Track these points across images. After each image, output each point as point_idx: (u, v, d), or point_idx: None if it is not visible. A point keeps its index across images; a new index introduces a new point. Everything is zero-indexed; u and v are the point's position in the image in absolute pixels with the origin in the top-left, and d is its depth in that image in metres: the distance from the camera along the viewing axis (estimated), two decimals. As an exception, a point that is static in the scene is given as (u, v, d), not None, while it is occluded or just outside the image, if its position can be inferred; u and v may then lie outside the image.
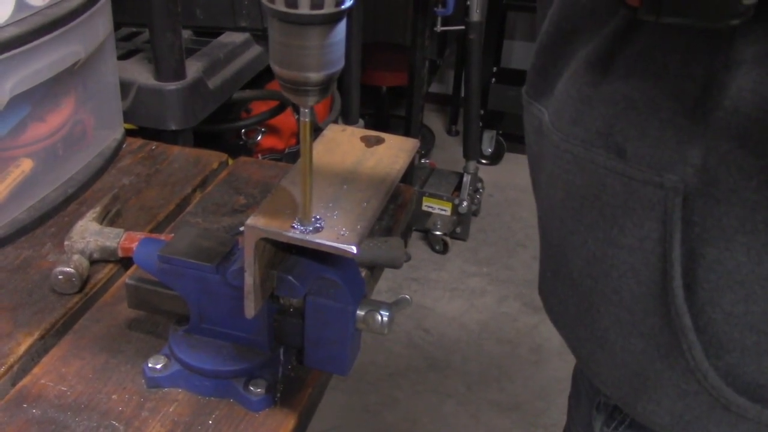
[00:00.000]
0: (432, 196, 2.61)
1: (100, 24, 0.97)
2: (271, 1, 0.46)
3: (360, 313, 0.65)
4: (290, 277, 0.61)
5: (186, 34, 1.30)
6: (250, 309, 0.59)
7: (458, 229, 2.63)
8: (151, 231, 0.92)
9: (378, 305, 0.66)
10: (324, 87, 0.50)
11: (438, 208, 2.62)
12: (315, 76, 0.49)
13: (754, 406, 0.51)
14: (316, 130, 1.51)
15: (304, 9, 0.45)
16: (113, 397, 0.68)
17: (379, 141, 0.67)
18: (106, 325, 0.77)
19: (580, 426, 0.71)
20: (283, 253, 0.62)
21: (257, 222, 0.56)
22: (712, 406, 0.53)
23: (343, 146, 0.67)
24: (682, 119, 0.48)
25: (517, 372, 2.11)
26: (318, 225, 0.56)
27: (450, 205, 2.60)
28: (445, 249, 2.61)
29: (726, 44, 0.45)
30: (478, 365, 2.13)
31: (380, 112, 3.05)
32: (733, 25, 0.43)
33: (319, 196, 0.59)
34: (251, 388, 0.68)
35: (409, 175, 2.45)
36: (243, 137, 1.54)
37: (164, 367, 0.70)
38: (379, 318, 0.65)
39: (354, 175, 0.62)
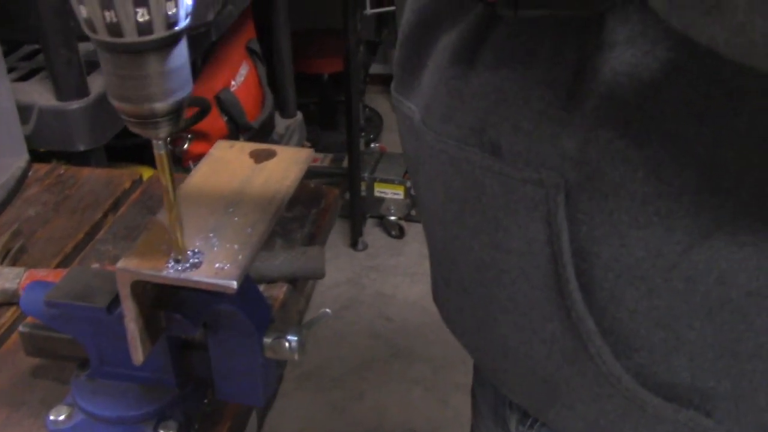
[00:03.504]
0: (383, 181, 2.56)
1: (-18, 49, 0.91)
2: (94, 31, 0.41)
3: (267, 340, 0.61)
4: (179, 316, 0.56)
5: (89, 46, 1.23)
6: (138, 355, 0.55)
7: (413, 212, 2.59)
8: (59, 265, 0.87)
9: (285, 330, 0.62)
10: (174, 116, 0.45)
11: (391, 192, 2.58)
12: (161, 105, 0.44)
13: (669, 405, 0.48)
14: (249, 130, 1.43)
15: (131, 37, 0.40)
16: (14, 456, 0.64)
17: (270, 155, 0.63)
18: (9, 375, 0.72)
19: (490, 420, 0.68)
20: (171, 289, 0.57)
21: (129, 264, 0.51)
22: (627, 409, 0.50)
23: (231, 165, 0.62)
24: (556, 109, 0.44)
25: (482, 351, 2.10)
26: (196, 260, 0.52)
27: (402, 188, 2.56)
28: (401, 233, 2.58)
29: (597, 25, 0.41)
30: (443, 349, 2.11)
31: (324, 99, 3.00)
32: (600, 11, 0.39)
33: (199, 226, 0.55)
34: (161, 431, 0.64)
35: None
36: (170, 146, 1.49)
37: (67, 417, 0.65)
38: (287, 344, 0.61)
39: (240, 198, 0.58)
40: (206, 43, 1.49)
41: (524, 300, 0.50)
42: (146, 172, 1.14)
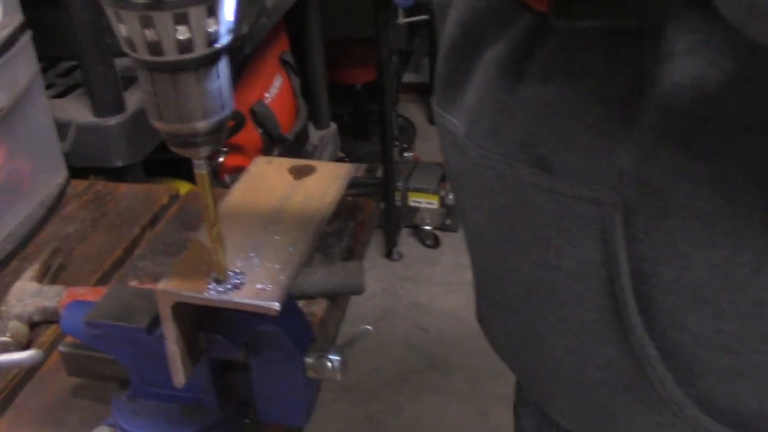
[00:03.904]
0: (418, 190, 2.54)
1: (21, 67, 0.92)
2: (134, 49, 0.40)
3: (309, 360, 0.60)
4: (220, 337, 0.55)
5: (126, 62, 1.24)
6: (179, 377, 0.54)
7: (448, 221, 2.57)
8: (98, 282, 0.87)
9: (327, 349, 0.61)
10: (215, 135, 0.44)
11: (425, 202, 2.56)
12: (202, 125, 0.43)
13: None
14: (283, 142, 1.42)
15: (171, 55, 0.39)
16: (55, 478, 0.63)
17: (309, 171, 0.62)
18: (50, 395, 0.72)
19: None
20: (212, 310, 0.56)
21: (169, 285, 0.50)
22: None
23: (269, 182, 0.61)
24: (611, 124, 0.42)
25: (520, 362, 2.06)
26: (237, 280, 0.50)
27: (437, 197, 2.54)
28: (436, 243, 2.56)
29: (654, 35, 0.39)
30: (481, 360, 2.08)
31: (357, 109, 2.99)
32: (659, 20, 0.37)
33: (239, 245, 0.53)
34: (203, 453, 0.63)
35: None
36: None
37: (108, 438, 0.65)
38: (329, 364, 0.60)
39: (280, 215, 0.57)
40: (240, 56, 1.49)
41: (576, 322, 0.47)
42: (183, 187, 1.14)
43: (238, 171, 1.58)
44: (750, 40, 0.31)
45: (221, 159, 1.54)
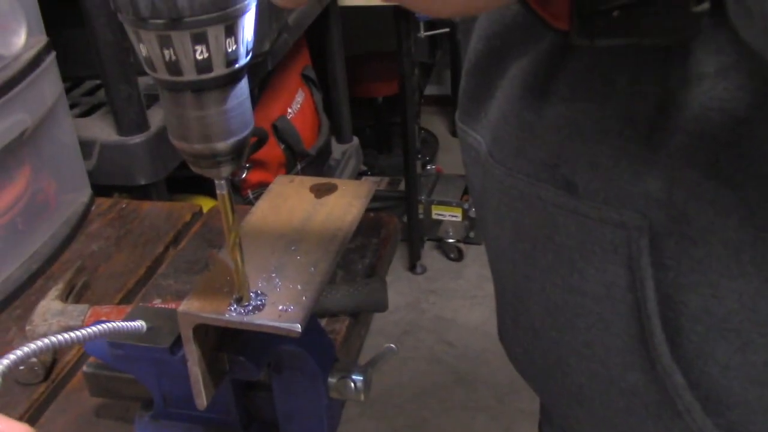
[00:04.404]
0: (441, 203, 2.54)
1: (46, 87, 0.92)
2: (154, 69, 0.40)
3: (331, 380, 0.59)
4: (243, 358, 0.55)
5: (149, 80, 1.25)
6: (201, 399, 0.53)
7: (471, 234, 2.56)
8: (122, 300, 0.87)
9: (351, 369, 0.60)
10: (236, 155, 0.44)
11: (448, 215, 2.55)
12: (223, 145, 0.42)
13: None
14: (306, 157, 1.42)
15: (190, 75, 0.39)
16: (79, 500, 0.63)
17: (331, 189, 0.61)
18: (74, 415, 0.72)
19: None
20: (234, 331, 0.56)
21: (190, 307, 0.50)
22: None
23: (290, 200, 0.60)
24: (637, 146, 0.40)
25: (547, 376, 2.04)
26: (259, 302, 0.50)
27: (460, 210, 2.53)
28: (460, 256, 2.54)
29: (682, 56, 0.38)
30: (508, 375, 2.06)
31: (379, 123, 2.99)
32: (685, 39, 0.36)
33: (261, 266, 0.53)
34: (226, 474, 0.62)
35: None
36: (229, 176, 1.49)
37: (132, 459, 0.64)
38: (352, 385, 0.59)
39: (301, 235, 0.56)
40: (262, 73, 1.49)
41: (601, 347, 0.46)
42: (206, 204, 1.14)
43: (260, 186, 1.58)
44: None
45: (244, 175, 1.54)
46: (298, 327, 0.48)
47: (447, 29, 2.20)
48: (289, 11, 1.48)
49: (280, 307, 0.49)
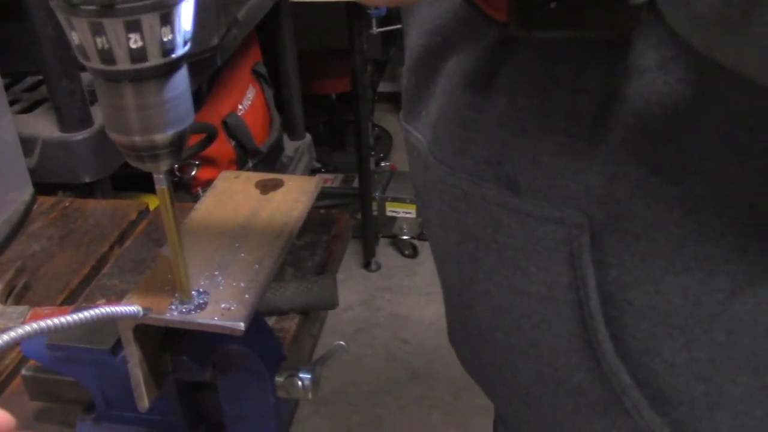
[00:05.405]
0: (395, 200, 2.53)
1: (-18, 82, 0.89)
2: (87, 58, 0.38)
3: (279, 379, 0.58)
4: (186, 358, 0.53)
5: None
6: (143, 401, 0.52)
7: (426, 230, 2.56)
8: (64, 301, 0.84)
9: (298, 368, 0.59)
10: (175, 148, 0.42)
11: (403, 211, 2.55)
12: (161, 137, 0.41)
13: None
14: (257, 154, 1.39)
15: (124, 64, 0.38)
16: (18, 508, 0.61)
17: (277, 185, 0.60)
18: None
19: None
20: (177, 330, 0.54)
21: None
22: None
23: (236, 197, 0.59)
24: (579, 142, 0.40)
25: (501, 371, 2.05)
26: (201, 300, 0.49)
27: (414, 207, 2.52)
28: (414, 253, 2.54)
29: (623, 49, 0.37)
30: (463, 371, 2.06)
31: (332, 119, 2.97)
32: (624, 32, 0.36)
33: (204, 263, 0.52)
34: (171, 478, 0.61)
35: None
36: (177, 173, 1.46)
37: (73, 464, 0.62)
38: (300, 383, 0.58)
39: (246, 231, 0.55)
40: (212, 68, 1.47)
41: (547, 348, 0.46)
42: (153, 202, 1.12)
43: (210, 184, 1.55)
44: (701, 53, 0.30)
45: (193, 172, 1.52)
46: (242, 325, 0.47)
47: (400, 26, 2.19)
48: (237, 6, 1.46)
49: (223, 306, 0.48)
